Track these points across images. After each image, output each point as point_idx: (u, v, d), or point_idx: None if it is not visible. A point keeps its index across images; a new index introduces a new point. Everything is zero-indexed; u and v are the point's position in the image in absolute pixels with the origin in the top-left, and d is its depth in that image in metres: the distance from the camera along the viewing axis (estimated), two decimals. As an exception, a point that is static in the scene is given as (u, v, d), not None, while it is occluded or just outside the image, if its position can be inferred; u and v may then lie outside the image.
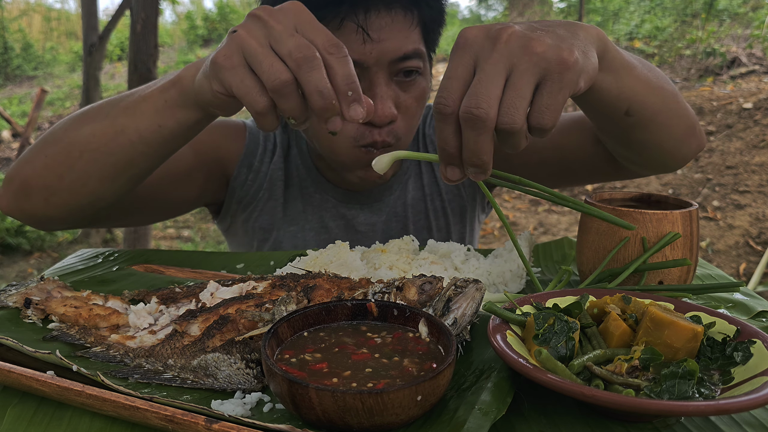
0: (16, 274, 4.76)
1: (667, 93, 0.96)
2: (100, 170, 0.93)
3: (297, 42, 0.71)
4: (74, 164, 0.93)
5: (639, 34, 8.37)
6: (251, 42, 0.72)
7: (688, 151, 1.08)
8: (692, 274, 0.86)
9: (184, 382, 0.63)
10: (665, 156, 1.06)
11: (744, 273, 3.93)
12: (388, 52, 1.12)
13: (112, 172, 0.94)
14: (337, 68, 0.72)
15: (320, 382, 0.53)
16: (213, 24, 13.32)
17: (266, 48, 0.72)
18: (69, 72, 11.63)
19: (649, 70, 0.94)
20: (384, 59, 1.12)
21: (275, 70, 0.70)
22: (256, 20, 0.75)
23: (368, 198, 1.36)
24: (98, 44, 4.35)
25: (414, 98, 1.18)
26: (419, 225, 1.39)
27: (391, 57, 1.12)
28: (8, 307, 0.81)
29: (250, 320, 0.67)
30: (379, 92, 1.13)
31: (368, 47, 1.11)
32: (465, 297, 0.67)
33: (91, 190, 0.96)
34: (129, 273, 0.99)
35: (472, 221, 1.46)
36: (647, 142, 1.01)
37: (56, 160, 0.95)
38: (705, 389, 0.56)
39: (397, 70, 1.15)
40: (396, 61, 1.13)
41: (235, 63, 0.73)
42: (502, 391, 0.57)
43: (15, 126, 7.55)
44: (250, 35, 0.73)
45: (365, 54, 1.11)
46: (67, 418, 0.58)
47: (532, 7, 11.05)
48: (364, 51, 1.11)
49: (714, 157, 5.14)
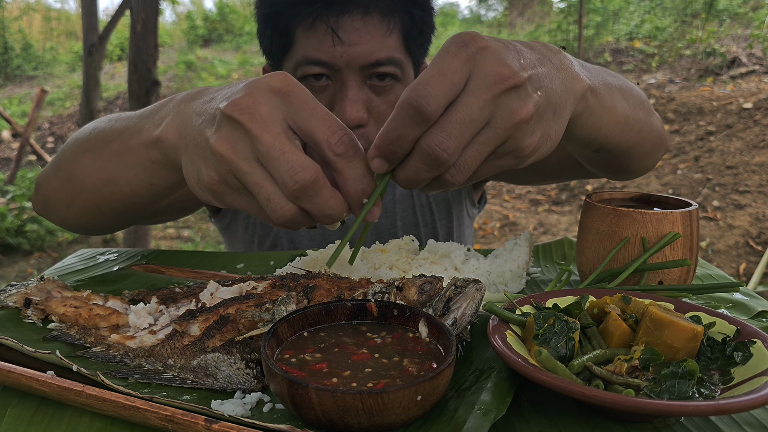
0: (16, 274, 4.76)
1: (641, 123, 0.90)
2: (100, 209, 0.92)
3: (289, 164, 0.58)
4: (76, 200, 0.93)
5: (639, 34, 8.37)
6: (239, 165, 0.60)
7: (654, 161, 1.06)
8: (692, 274, 0.86)
9: (184, 382, 0.63)
10: (632, 170, 1.04)
11: (744, 273, 3.93)
12: (358, 57, 1.10)
13: (111, 213, 0.93)
14: (347, 173, 0.61)
15: (320, 382, 0.53)
16: (213, 24, 13.32)
17: (258, 169, 0.60)
18: (69, 72, 11.63)
19: (627, 98, 0.86)
20: (354, 63, 1.11)
21: (276, 206, 0.61)
22: (234, 127, 0.61)
23: None
24: (98, 44, 4.35)
25: (388, 104, 1.16)
26: (407, 221, 1.39)
27: (362, 62, 1.11)
28: (8, 307, 0.81)
29: (250, 320, 0.66)
30: (349, 95, 1.11)
31: (339, 50, 1.10)
32: (465, 297, 0.67)
33: (96, 222, 0.97)
34: (129, 273, 0.99)
35: (459, 216, 1.46)
36: (615, 165, 0.99)
37: (63, 191, 0.94)
38: (705, 389, 0.56)
39: (370, 74, 1.14)
40: (367, 66, 1.12)
41: (231, 188, 0.63)
42: (502, 391, 0.57)
43: (15, 126, 7.55)
44: (234, 153, 0.60)
45: (335, 57, 1.10)
46: (67, 418, 0.58)
47: (532, 7, 11.05)
48: (334, 53, 1.10)
49: (714, 157, 5.14)
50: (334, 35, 1.09)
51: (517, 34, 9.98)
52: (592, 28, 8.50)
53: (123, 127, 0.84)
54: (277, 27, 1.16)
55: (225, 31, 13.19)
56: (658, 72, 7.29)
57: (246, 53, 11.36)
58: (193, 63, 10.84)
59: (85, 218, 0.95)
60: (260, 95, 0.61)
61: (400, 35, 1.15)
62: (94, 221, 0.96)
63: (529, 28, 10.01)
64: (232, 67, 10.59)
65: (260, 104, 0.60)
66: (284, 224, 0.63)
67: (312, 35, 1.12)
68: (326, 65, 1.12)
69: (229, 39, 12.89)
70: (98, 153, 0.86)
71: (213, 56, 11.49)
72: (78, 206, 0.93)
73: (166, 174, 0.79)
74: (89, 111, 4.48)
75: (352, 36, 1.10)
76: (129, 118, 0.84)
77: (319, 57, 1.11)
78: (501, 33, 10.36)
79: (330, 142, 0.59)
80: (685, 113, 5.84)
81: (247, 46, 12.14)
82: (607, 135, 0.82)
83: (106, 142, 0.85)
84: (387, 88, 1.16)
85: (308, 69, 1.14)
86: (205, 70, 10.54)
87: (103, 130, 0.89)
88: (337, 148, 0.59)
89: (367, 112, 1.14)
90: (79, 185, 0.90)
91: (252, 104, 0.60)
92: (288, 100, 0.61)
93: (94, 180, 0.87)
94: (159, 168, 0.78)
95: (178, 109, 0.73)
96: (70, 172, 0.92)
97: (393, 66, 1.14)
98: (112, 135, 0.85)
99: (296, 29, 1.14)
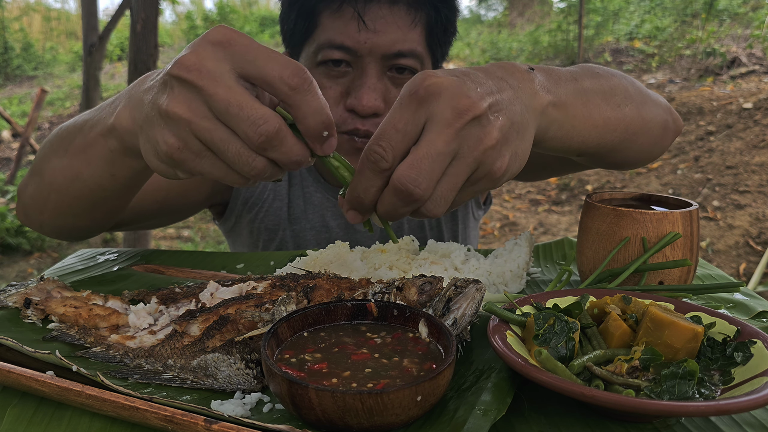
0: (16, 274, 4.76)
1: (628, 120, 0.88)
2: (70, 208, 0.91)
3: (250, 118, 0.57)
4: (47, 202, 0.92)
5: (639, 34, 8.37)
6: (198, 123, 0.59)
7: (661, 148, 1.03)
8: (692, 274, 0.86)
9: (184, 382, 0.63)
10: (631, 163, 1.01)
11: (744, 273, 3.93)
12: (381, 45, 1.11)
13: (82, 210, 0.92)
14: (305, 108, 0.59)
15: (320, 383, 0.53)
16: (213, 24, 13.32)
17: (219, 126, 0.59)
18: (69, 72, 11.63)
19: (608, 99, 0.84)
20: (377, 51, 1.11)
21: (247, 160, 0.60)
22: (186, 86, 0.59)
23: None
24: (98, 44, 4.35)
25: None
26: (413, 223, 1.39)
27: (384, 51, 1.12)
28: (8, 307, 0.81)
29: (249, 320, 0.66)
30: (368, 82, 1.12)
31: (363, 36, 1.10)
32: (465, 297, 0.67)
33: (71, 223, 0.97)
34: (129, 273, 0.99)
35: (465, 218, 1.46)
36: (608, 162, 0.97)
37: (36, 195, 0.95)
38: (705, 389, 0.56)
39: (391, 65, 1.14)
40: (389, 56, 1.12)
41: (193, 152, 0.61)
42: (502, 391, 0.57)
43: (15, 126, 7.55)
44: (191, 112, 0.59)
45: (359, 42, 1.11)
46: (67, 418, 0.58)
47: (532, 7, 11.05)
48: (358, 39, 1.10)
49: (714, 157, 5.14)
50: (359, 21, 1.10)
51: (517, 34, 9.99)
52: (592, 28, 8.51)
53: (83, 122, 0.84)
54: (303, 9, 1.17)
55: (225, 31, 13.18)
56: (658, 72, 7.29)
57: (246, 53, 11.34)
58: (193, 63, 10.83)
59: (59, 221, 0.95)
60: (203, 50, 0.59)
61: (424, 30, 1.16)
62: (67, 223, 0.96)
63: (529, 28, 10.01)
64: (232, 67, 10.57)
65: (206, 59, 0.58)
66: (256, 177, 0.62)
67: (338, 18, 1.12)
68: (349, 51, 1.12)
69: (229, 39, 12.87)
70: (63, 151, 0.87)
71: (213, 56, 11.47)
72: (50, 208, 0.93)
73: (127, 162, 0.78)
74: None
75: (377, 23, 1.11)
76: (89, 113, 0.85)
77: (343, 41, 1.12)
78: (501, 33, 10.37)
79: (282, 77, 0.58)
80: (685, 113, 5.84)
81: (247, 46, 12.11)
82: (583, 141, 0.81)
83: (70, 140, 0.86)
84: (405, 81, 1.16)
85: (330, 53, 1.14)
86: (205, 70, 10.52)
87: (67, 128, 0.89)
88: (291, 80, 0.57)
89: (384, 103, 1.14)
90: (48, 186, 0.90)
91: (197, 61, 0.58)
92: (232, 49, 0.59)
93: (61, 179, 0.87)
94: (118, 156, 0.78)
95: (129, 94, 0.73)
96: (41, 174, 0.92)
97: (414, 59, 1.14)
98: (74, 131, 0.85)
99: (322, 13, 1.15)
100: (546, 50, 8.58)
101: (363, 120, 1.14)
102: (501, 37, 10.02)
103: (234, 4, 13.76)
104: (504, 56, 9.15)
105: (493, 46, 9.49)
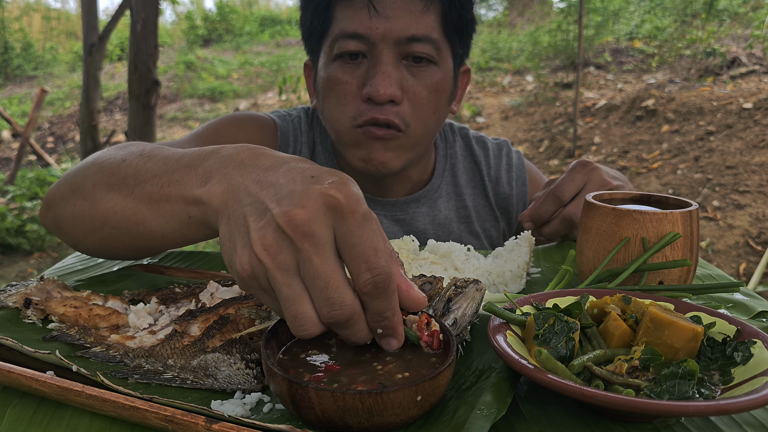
0: (16, 274, 4.76)
1: None
2: (124, 245, 0.85)
3: (329, 298, 0.55)
4: (97, 232, 0.85)
5: (639, 34, 8.37)
6: (276, 274, 0.56)
7: None
8: (692, 274, 0.86)
9: (184, 382, 0.63)
10: None
11: (744, 273, 3.93)
12: (394, 30, 1.10)
13: (135, 249, 0.87)
14: (369, 309, 0.57)
15: (320, 382, 0.53)
16: (213, 24, 13.33)
17: (295, 284, 0.56)
18: (69, 72, 11.63)
19: None
20: (390, 37, 1.11)
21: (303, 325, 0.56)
22: (283, 237, 0.55)
23: (393, 207, 1.35)
24: (98, 44, 4.35)
25: (424, 86, 1.15)
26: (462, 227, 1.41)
27: (397, 36, 1.11)
28: (8, 307, 0.81)
29: (249, 320, 0.66)
30: (383, 69, 1.11)
31: (374, 22, 1.10)
32: (465, 297, 0.67)
33: (115, 254, 0.91)
34: (129, 273, 0.99)
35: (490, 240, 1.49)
36: None
37: (82, 220, 0.86)
38: (705, 389, 0.56)
39: (406, 53, 1.13)
40: (403, 41, 1.12)
41: (260, 286, 0.58)
42: (502, 391, 0.57)
43: (15, 126, 7.55)
44: (274, 262, 0.55)
45: (371, 28, 1.10)
46: (67, 418, 0.58)
47: (532, 7, 11.05)
48: (370, 25, 1.10)
49: (714, 157, 5.14)
50: (370, 6, 1.10)
51: (517, 34, 9.99)
52: (592, 28, 8.50)
53: (159, 171, 0.76)
54: (318, 5, 1.17)
55: (225, 31, 13.20)
56: (658, 72, 7.29)
57: (246, 53, 11.36)
58: (193, 63, 10.85)
59: (103, 248, 0.89)
60: (317, 212, 0.55)
61: (438, 16, 1.15)
62: (113, 252, 0.90)
63: (529, 28, 10.01)
64: (232, 68, 10.59)
65: (315, 223, 0.55)
66: (302, 337, 0.59)
67: (349, 8, 1.12)
68: (361, 38, 1.12)
69: (229, 39, 12.89)
70: (129, 192, 0.79)
71: (213, 56, 11.49)
72: (98, 237, 0.86)
73: (203, 231, 0.74)
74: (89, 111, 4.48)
75: (388, 9, 1.10)
76: (166, 160, 0.77)
77: (355, 29, 1.12)
78: (501, 33, 10.36)
79: (359, 279, 0.55)
80: (685, 113, 5.84)
81: (247, 46, 12.13)
82: None
83: (139, 182, 0.78)
84: (422, 70, 1.15)
85: (344, 44, 1.13)
86: (205, 70, 10.54)
87: (135, 166, 0.80)
88: (364, 287, 0.55)
89: (401, 90, 1.13)
90: (102, 219, 0.83)
91: (307, 222, 0.55)
92: (343, 221, 0.55)
93: (121, 218, 0.80)
94: (196, 224, 0.73)
95: (226, 173, 0.67)
96: (92, 203, 0.84)
97: (429, 45, 1.13)
98: (146, 175, 0.78)
99: (335, 5, 1.15)
100: (546, 50, 8.58)
101: (381, 108, 1.13)
102: (501, 37, 10.02)
103: (234, 4, 13.76)
104: (504, 56, 9.14)
105: (493, 46, 9.49)
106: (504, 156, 1.46)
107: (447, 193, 1.40)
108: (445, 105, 1.23)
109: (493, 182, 1.44)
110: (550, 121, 6.84)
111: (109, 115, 9.40)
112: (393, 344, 0.58)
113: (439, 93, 1.18)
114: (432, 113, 1.19)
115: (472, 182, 1.44)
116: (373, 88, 1.11)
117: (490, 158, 1.44)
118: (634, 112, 6.22)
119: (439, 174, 1.40)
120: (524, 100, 7.50)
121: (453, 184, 1.41)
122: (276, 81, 9.29)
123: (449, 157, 1.43)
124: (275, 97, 9.00)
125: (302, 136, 1.36)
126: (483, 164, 1.44)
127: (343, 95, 1.17)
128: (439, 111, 1.21)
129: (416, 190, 1.38)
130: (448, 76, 1.20)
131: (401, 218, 1.35)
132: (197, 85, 9.88)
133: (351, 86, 1.15)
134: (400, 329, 0.58)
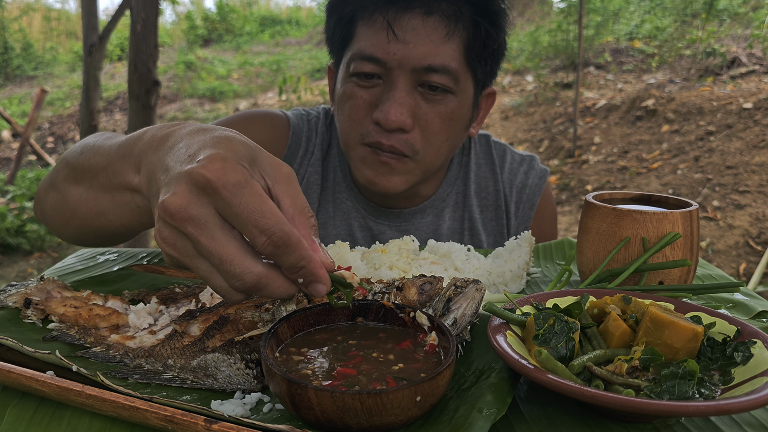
0: (16, 274, 4.76)
1: None
2: (94, 233, 0.91)
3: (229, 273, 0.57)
4: (69, 222, 0.92)
5: (639, 34, 8.37)
6: (183, 261, 0.59)
7: None
8: (692, 274, 0.86)
9: (184, 382, 0.63)
10: None
11: (744, 273, 3.93)
12: (412, 58, 1.07)
13: (105, 236, 0.92)
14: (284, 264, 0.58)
15: (319, 382, 0.53)
16: (213, 24, 13.33)
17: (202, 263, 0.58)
18: (69, 72, 11.63)
19: None
20: (406, 64, 1.08)
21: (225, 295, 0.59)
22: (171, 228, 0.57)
23: (398, 217, 1.33)
24: (98, 44, 4.35)
25: (437, 115, 1.12)
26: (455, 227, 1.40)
27: (414, 64, 1.08)
28: (8, 307, 0.81)
29: (249, 320, 0.66)
30: (396, 96, 1.08)
31: (393, 47, 1.07)
32: (465, 297, 0.67)
33: (91, 242, 0.98)
34: (129, 273, 0.99)
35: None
36: None
37: (57, 211, 0.94)
38: (705, 389, 0.56)
39: (422, 81, 1.10)
40: (420, 70, 1.08)
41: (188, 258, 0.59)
42: (502, 391, 0.57)
43: (15, 126, 7.55)
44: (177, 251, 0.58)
45: (388, 53, 1.08)
46: (67, 418, 0.58)
47: (532, 7, 11.05)
48: (388, 50, 1.08)
49: (714, 157, 5.14)
50: (389, 30, 1.07)
51: (517, 34, 9.98)
52: (592, 28, 8.50)
53: (105, 162, 0.79)
54: (341, 18, 1.16)
55: (225, 31, 13.20)
56: (658, 72, 7.29)
57: (246, 53, 11.36)
58: (193, 63, 10.85)
59: (80, 236, 0.96)
60: (188, 195, 0.56)
61: (461, 45, 1.11)
62: (89, 240, 0.98)
63: (529, 28, 10.01)
64: (231, 67, 10.59)
65: (190, 206, 0.56)
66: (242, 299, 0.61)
67: (369, 28, 1.10)
68: (378, 62, 1.10)
69: (228, 39, 12.89)
70: (87, 184, 0.84)
71: (213, 56, 11.49)
72: (72, 227, 0.93)
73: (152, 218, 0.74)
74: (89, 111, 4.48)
75: (408, 35, 1.07)
76: (108, 151, 0.80)
77: (373, 52, 1.10)
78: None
79: (257, 244, 0.56)
80: (685, 113, 5.84)
81: (247, 46, 12.14)
82: None
83: (94, 174, 0.82)
84: (438, 99, 1.12)
85: (360, 65, 1.12)
86: (204, 70, 10.54)
87: (88, 159, 0.84)
88: (265, 250, 0.56)
89: (413, 118, 1.11)
90: (71, 211, 0.89)
91: (182, 207, 0.56)
92: (217, 197, 0.56)
93: (85, 210, 0.85)
94: (147, 211, 0.75)
95: (147, 159, 0.69)
96: (62, 196, 0.90)
97: (447, 76, 1.10)
98: (97, 168, 0.81)
99: (358, 22, 1.14)
100: (546, 50, 8.58)
101: (388, 135, 1.11)
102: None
103: (234, 4, 13.76)
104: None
105: (493, 46, 9.46)
106: (522, 173, 1.40)
107: (455, 202, 1.37)
108: (460, 131, 1.20)
109: (503, 195, 1.40)
110: (550, 121, 6.84)
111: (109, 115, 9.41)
112: (320, 289, 0.60)
113: (453, 122, 1.15)
114: (444, 140, 1.17)
115: (484, 191, 1.39)
116: (383, 114, 1.09)
117: (505, 170, 1.40)
118: (634, 112, 6.22)
119: (450, 182, 1.37)
120: (524, 100, 7.50)
121: (463, 194, 1.38)
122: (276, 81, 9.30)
123: (463, 165, 1.39)
124: (275, 97, 9.00)
125: (317, 137, 1.35)
126: (498, 174, 1.39)
127: (354, 112, 1.15)
128: (453, 138, 1.19)
129: (423, 200, 1.35)
130: (466, 104, 1.17)
131: (405, 229, 1.34)
132: (197, 85, 9.89)
133: (363, 105, 1.14)
134: (320, 273, 0.59)
